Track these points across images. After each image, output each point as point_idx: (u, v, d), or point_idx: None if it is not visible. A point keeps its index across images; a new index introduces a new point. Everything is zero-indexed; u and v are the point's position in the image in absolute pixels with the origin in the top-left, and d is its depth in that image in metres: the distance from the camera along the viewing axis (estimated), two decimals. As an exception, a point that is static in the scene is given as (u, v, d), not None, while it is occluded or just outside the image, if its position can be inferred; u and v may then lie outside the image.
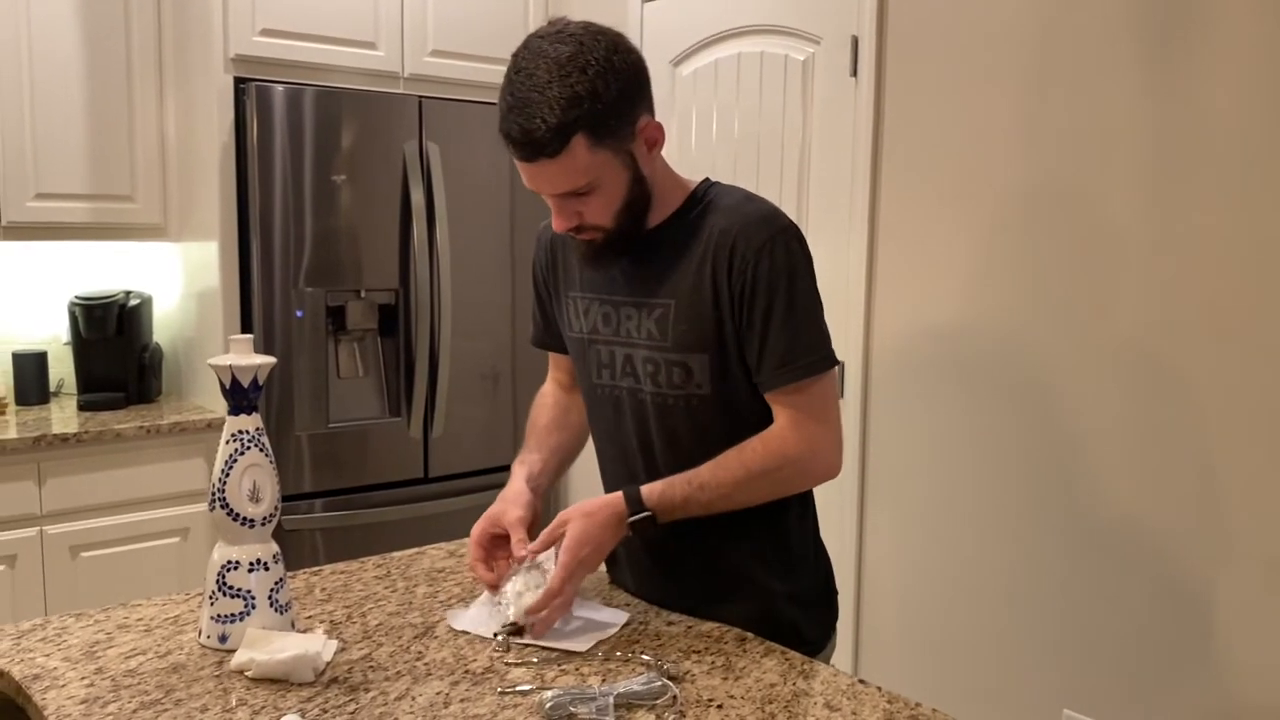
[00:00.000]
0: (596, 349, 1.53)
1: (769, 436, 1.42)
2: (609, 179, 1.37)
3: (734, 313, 1.41)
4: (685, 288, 1.43)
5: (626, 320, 1.49)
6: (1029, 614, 2.35)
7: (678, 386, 1.46)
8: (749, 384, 1.45)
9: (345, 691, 1.23)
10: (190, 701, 1.20)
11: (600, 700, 1.18)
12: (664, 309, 1.45)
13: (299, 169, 2.94)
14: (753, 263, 1.39)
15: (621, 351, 1.50)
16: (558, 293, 1.61)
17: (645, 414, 1.50)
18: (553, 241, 1.62)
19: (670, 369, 1.46)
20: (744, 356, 1.43)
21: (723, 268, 1.41)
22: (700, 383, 1.44)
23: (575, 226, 1.41)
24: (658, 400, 1.48)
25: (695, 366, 1.44)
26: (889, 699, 1.23)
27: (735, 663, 1.33)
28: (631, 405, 1.51)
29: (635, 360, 1.49)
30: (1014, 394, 2.36)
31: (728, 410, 1.46)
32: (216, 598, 1.35)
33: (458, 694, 1.23)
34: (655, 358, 1.46)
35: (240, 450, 1.35)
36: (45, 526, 2.70)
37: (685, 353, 1.44)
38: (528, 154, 1.33)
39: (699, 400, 1.45)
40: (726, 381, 1.44)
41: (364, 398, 3.15)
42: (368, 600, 1.53)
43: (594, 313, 1.53)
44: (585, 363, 1.56)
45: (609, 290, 1.51)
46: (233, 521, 1.35)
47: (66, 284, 3.17)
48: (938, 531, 2.54)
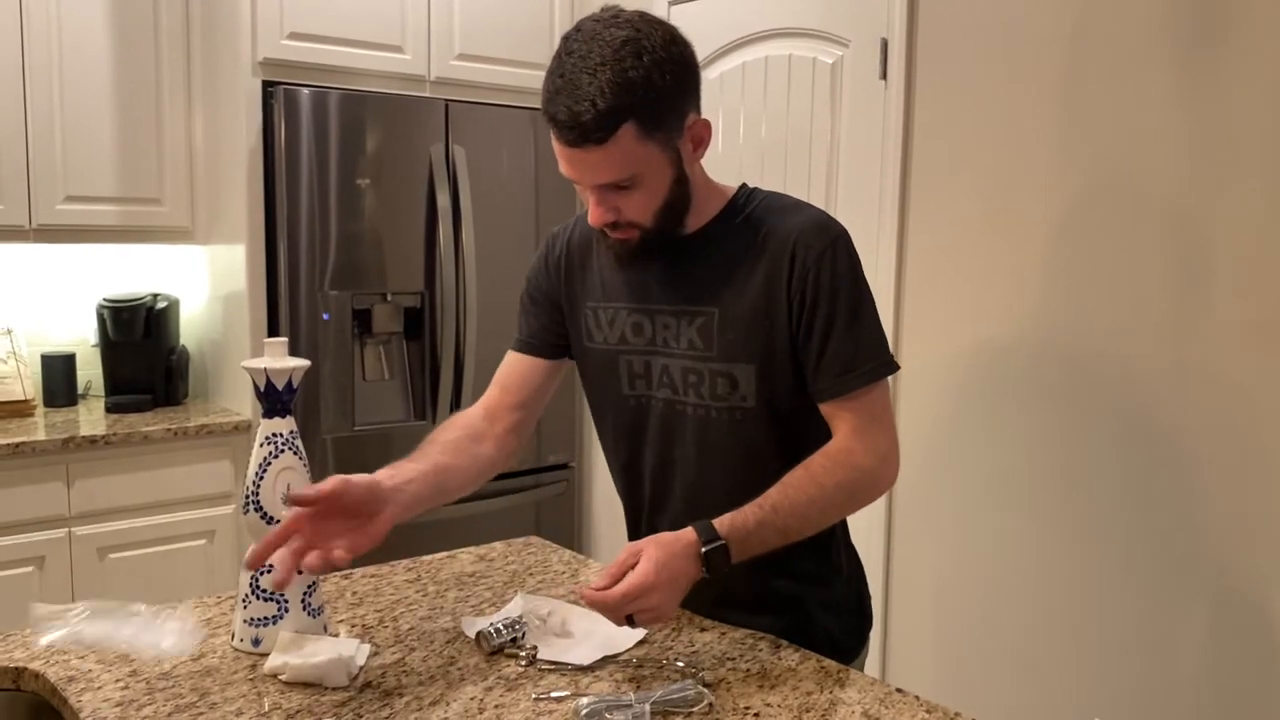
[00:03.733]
0: (628, 360, 1.49)
1: (834, 449, 1.38)
2: (653, 174, 1.32)
3: (790, 321, 1.38)
4: (732, 295, 1.40)
5: (664, 330, 1.45)
6: (1060, 622, 2.33)
7: (722, 398, 1.42)
8: (794, 396, 1.41)
9: (379, 696, 1.23)
10: (225, 705, 1.19)
11: (636, 708, 1.17)
12: (707, 317, 1.41)
13: (325, 172, 2.94)
14: (814, 270, 1.36)
15: (659, 361, 1.46)
16: (573, 303, 1.54)
17: (684, 426, 1.45)
18: (568, 247, 1.56)
19: (714, 379, 1.42)
20: (795, 366, 1.39)
21: (780, 275, 1.37)
22: (746, 394, 1.41)
23: (611, 223, 1.36)
24: (700, 412, 1.44)
25: (741, 377, 1.40)
26: (927, 708, 1.22)
27: (770, 670, 1.31)
28: (670, 417, 1.47)
29: (673, 371, 1.45)
30: (1047, 398, 2.34)
31: (772, 423, 1.42)
32: (250, 601, 1.35)
33: (492, 700, 1.22)
34: (698, 368, 1.42)
35: (275, 453, 1.34)
36: (74, 528, 2.71)
37: (731, 362, 1.40)
38: (573, 138, 1.27)
39: (743, 414, 1.42)
40: (773, 393, 1.41)
41: (389, 400, 3.16)
42: (399, 604, 1.53)
43: (621, 322, 1.48)
44: (613, 374, 1.50)
45: (641, 299, 1.46)
46: (266, 525, 1.34)
47: (95, 286, 3.19)
48: (967, 538, 2.52)
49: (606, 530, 3.56)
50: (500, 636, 1.35)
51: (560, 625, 1.42)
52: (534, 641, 1.37)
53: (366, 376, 3.10)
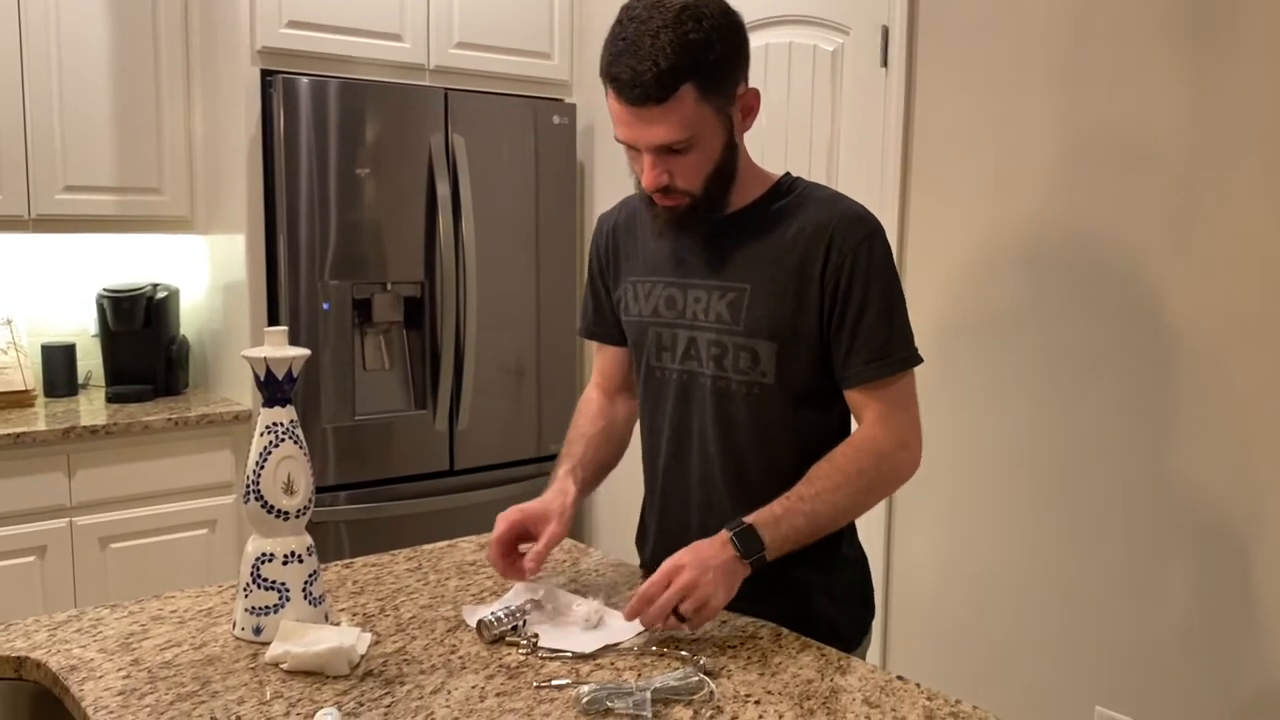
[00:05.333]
0: (657, 331, 1.53)
1: (857, 438, 1.43)
2: (707, 138, 1.37)
3: (821, 306, 1.42)
4: (765, 273, 1.44)
5: (694, 303, 1.49)
6: (1061, 609, 2.33)
7: (743, 372, 1.46)
8: (812, 379, 1.45)
9: (380, 685, 1.23)
10: (227, 694, 1.20)
11: (637, 695, 1.17)
12: (738, 293, 1.45)
13: (325, 161, 2.94)
14: (850, 258, 1.40)
15: (685, 334, 1.50)
16: (617, 278, 1.61)
17: (704, 398, 1.50)
18: (615, 227, 1.63)
19: (738, 353, 1.45)
20: (817, 350, 1.43)
21: (816, 260, 1.41)
22: (765, 370, 1.44)
23: (664, 188, 1.40)
24: (719, 384, 1.48)
25: (763, 353, 1.44)
26: (929, 695, 1.22)
27: (771, 658, 1.32)
28: (692, 389, 1.51)
29: (699, 343, 1.49)
30: (1048, 386, 2.33)
31: (788, 402, 1.46)
32: (251, 590, 1.35)
33: (493, 688, 1.22)
34: (723, 341, 1.46)
35: (275, 443, 1.34)
36: (75, 518, 2.71)
37: (755, 338, 1.44)
38: (635, 98, 1.33)
39: (761, 389, 1.45)
40: (791, 373, 1.44)
41: (390, 390, 3.16)
42: (400, 593, 1.53)
43: (656, 295, 1.53)
44: (643, 346, 1.56)
45: (677, 272, 1.51)
46: (267, 514, 1.34)
47: (95, 277, 3.18)
48: (967, 526, 2.52)
49: (608, 519, 3.56)
50: (501, 625, 1.35)
51: (562, 612, 1.42)
52: (535, 629, 1.37)
53: (367, 366, 3.10)
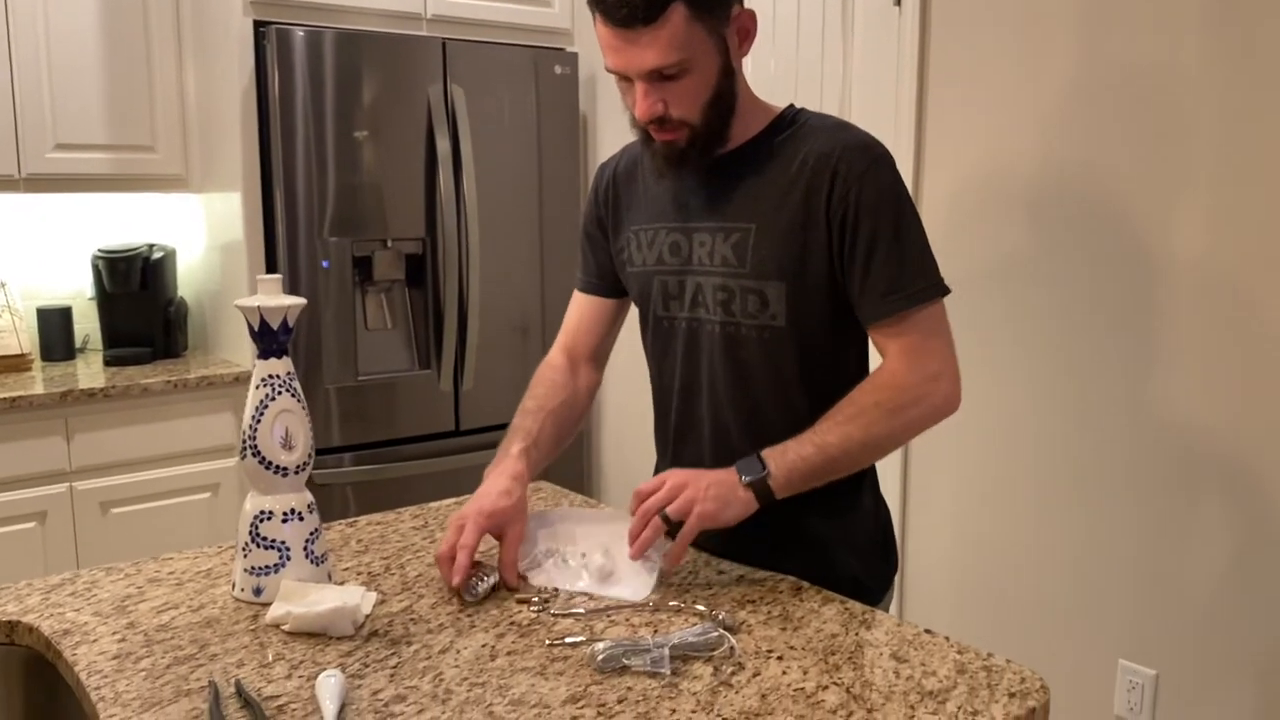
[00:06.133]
0: (663, 280, 1.47)
1: (877, 372, 1.37)
2: (701, 61, 1.31)
3: (829, 241, 1.35)
4: (770, 211, 1.37)
5: (699, 247, 1.42)
6: (1081, 561, 2.28)
7: (752, 316, 1.39)
8: (824, 320, 1.39)
9: (386, 645, 1.18)
10: (226, 656, 1.15)
11: (655, 652, 1.12)
12: (743, 233, 1.38)
13: (321, 115, 2.86)
14: (856, 188, 1.33)
15: (692, 281, 1.44)
16: (618, 228, 1.54)
17: (713, 346, 1.43)
18: (616, 174, 1.56)
19: (745, 296, 1.39)
20: (829, 290, 1.37)
21: (821, 192, 1.34)
22: (776, 313, 1.38)
23: (659, 119, 1.33)
24: (728, 330, 1.41)
25: (772, 295, 1.37)
26: (959, 649, 1.17)
27: (793, 612, 1.26)
28: (700, 337, 1.45)
29: (705, 289, 1.42)
30: (1066, 331, 2.27)
31: (801, 346, 1.39)
32: (250, 549, 1.29)
33: (504, 646, 1.17)
34: (729, 285, 1.40)
35: (271, 395, 1.28)
36: (75, 482, 2.67)
37: (763, 280, 1.37)
38: (623, 19, 1.26)
39: (772, 333, 1.39)
40: (802, 314, 1.38)
41: (393, 350, 3.10)
42: (406, 551, 1.48)
43: (660, 242, 1.47)
44: (649, 296, 1.49)
45: (680, 216, 1.45)
46: (265, 470, 1.29)
47: (90, 238, 3.12)
48: (985, 478, 2.46)
49: (615, 482, 3.52)
50: (480, 587, 1.30)
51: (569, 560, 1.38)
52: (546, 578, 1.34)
53: (369, 325, 3.04)
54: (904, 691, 1.07)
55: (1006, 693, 1.07)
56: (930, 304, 1.35)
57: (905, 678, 1.10)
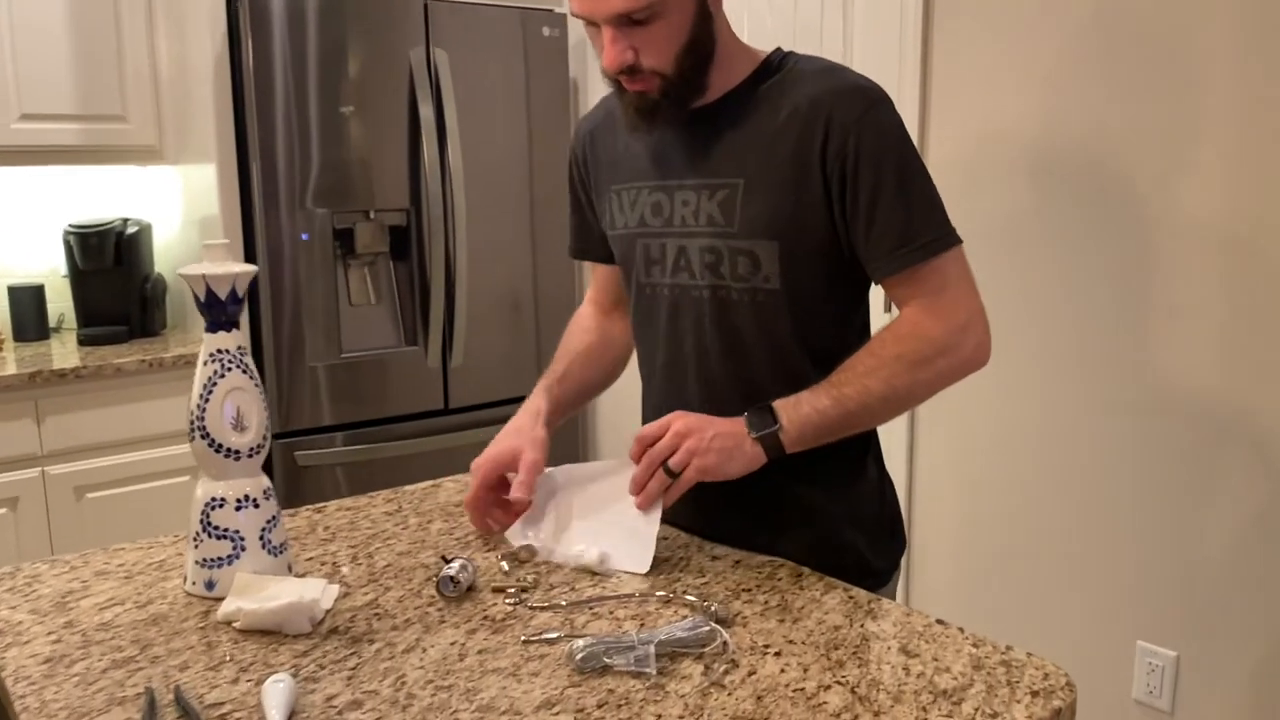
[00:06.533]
0: (645, 243, 1.35)
1: (899, 321, 1.25)
2: (673, 5, 1.19)
3: (827, 194, 1.23)
4: (759, 164, 1.25)
5: (682, 206, 1.31)
6: (1099, 541, 2.17)
7: (742, 279, 1.28)
8: (822, 282, 1.28)
9: (346, 644, 1.07)
10: (169, 658, 1.04)
11: (639, 649, 1.01)
12: (730, 189, 1.27)
13: (301, 81, 2.74)
14: (854, 134, 1.21)
15: (675, 243, 1.32)
16: (599, 190, 1.43)
17: (701, 313, 1.32)
18: (594, 130, 1.45)
19: (735, 258, 1.27)
20: (826, 248, 1.26)
21: (814, 142, 1.22)
22: (768, 275, 1.26)
23: (630, 68, 1.22)
24: (719, 295, 1.30)
25: (763, 255, 1.26)
26: (974, 642, 1.06)
27: (792, 602, 1.16)
28: (686, 304, 1.33)
29: (690, 252, 1.31)
30: (1078, 298, 2.15)
31: (796, 309, 1.28)
32: (201, 540, 1.19)
33: (475, 644, 1.07)
34: (717, 246, 1.28)
35: (220, 372, 1.18)
36: (47, 467, 2.57)
37: (753, 239, 1.26)
38: None
39: (765, 295, 1.28)
40: (798, 275, 1.26)
41: (378, 326, 2.99)
42: (375, 539, 1.37)
43: (642, 202, 1.35)
44: (632, 261, 1.38)
45: (661, 174, 1.33)
46: (215, 454, 1.18)
47: (62, 213, 3.00)
48: (998, 451, 2.35)
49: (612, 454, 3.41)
50: (460, 582, 1.18)
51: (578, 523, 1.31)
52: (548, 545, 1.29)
53: (352, 300, 2.93)
54: (915, 691, 0.97)
55: (1029, 691, 0.97)
56: (945, 254, 1.24)
57: (916, 675, 1.00)
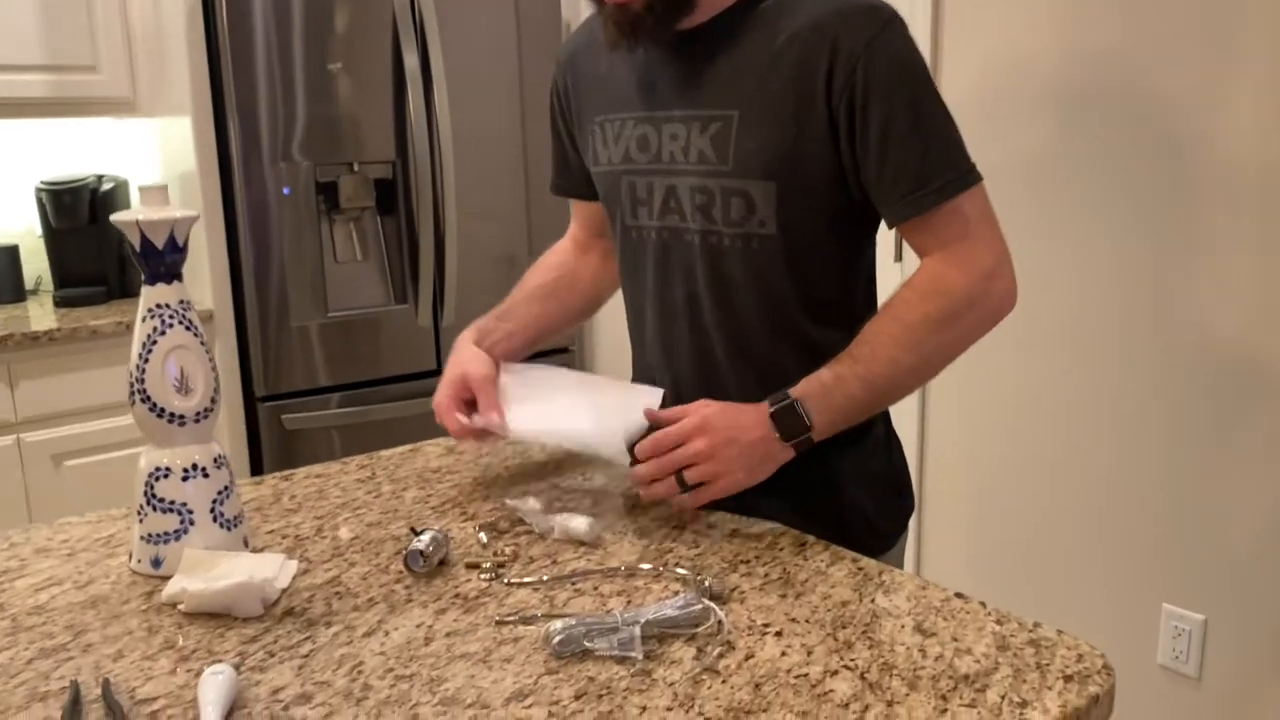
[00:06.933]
0: (630, 181, 1.23)
1: (920, 276, 1.13)
2: None
3: (832, 128, 1.11)
4: (754, 95, 1.13)
5: (671, 141, 1.19)
6: (1123, 499, 2.06)
7: (735, 224, 1.16)
8: (824, 225, 1.16)
9: (301, 627, 0.97)
10: (103, 646, 0.94)
11: (623, 631, 0.91)
12: (723, 122, 1.14)
13: (280, 27, 2.60)
14: (862, 60, 1.08)
15: (662, 182, 1.20)
16: (580, 121, 1.31)
17: (691, 260, 1.21)
18: (574, 58, 1.33)
19: (727, 200, 1.15)
20: (828, 187, 1.14)
21: (817, 70, 1.10)
22: (764, 219, 1.14)
23: None
24: (710, 241, 1.18)
25: (759, 197, 1.14)
26: (998, 619, 0.95)
27: (795, 574, 1.05)
28: (675, 250, 1.22)
29: (679, 191, 1.19)
30: (1108, 227, 2.03)
31: (794, 256, 1.17)
32: (145, 513, 1.08)
33: (443, 626, 0.96)
34: (708, 186, 1.16)
35: (159, 329, 1.07)
36: (22, 434, 2.47)
37: (747, 178, 1.14)
38: None
39: (760, 242, 1.16)
40: (796, 219, 1.15)
41: (366, 283, 2.87)
42: (344, 508, 1.27)
43: (627, 135, 1.23)
44: (617, 201, 1.26)
45: (648, 104, 1.21)
46: (158, 419, 1.07)
47: (34, 170, 2.88)
48: (1015, 405, 2.24)
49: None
50: (430, 556, 1.07)
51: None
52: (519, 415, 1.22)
53: (338, 257, 2.81)
54: (933, 676, 0.86)
55: (1061, 675, 0.86)
56: (966, 193, 1.12)
57: (934, 657, 0.89)
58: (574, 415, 1.22)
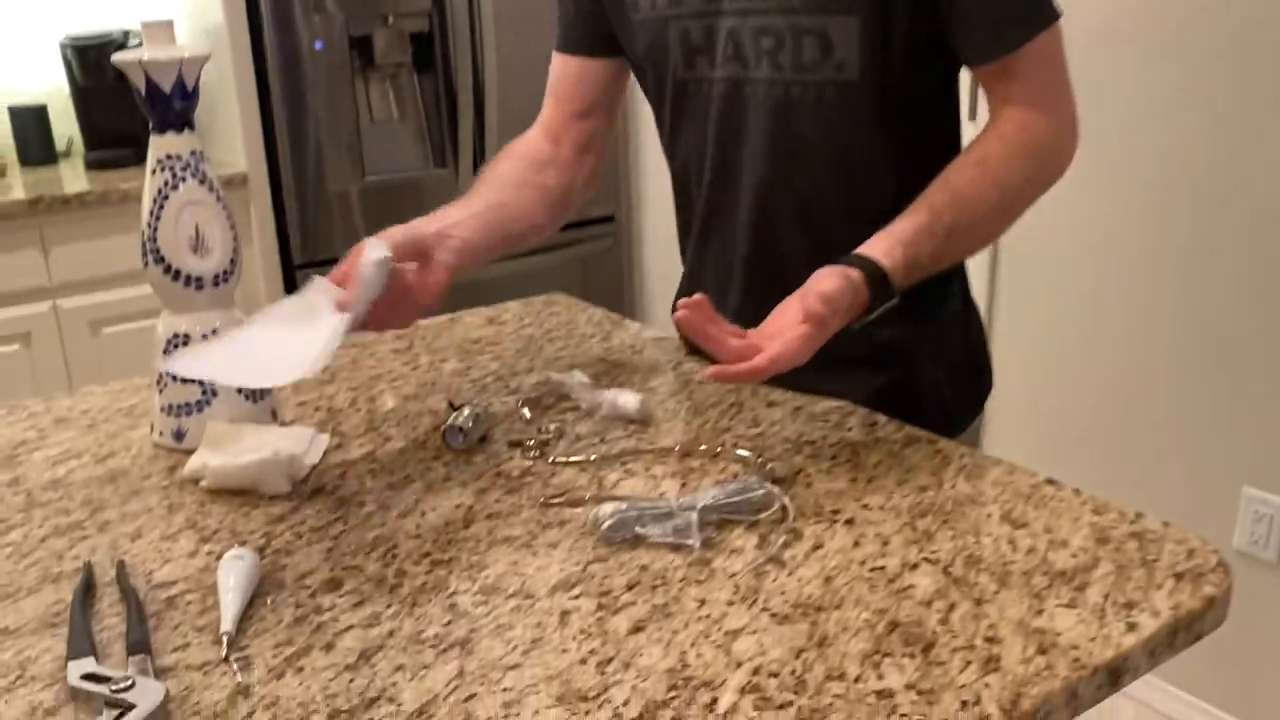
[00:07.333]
0: (683, 28, 1.08)
1: (1009, 129, 1.00)
2: None
3: None
4: None
5: None
6: (1196, 371, 1.94)
7: (808, 68, 1.02)
8: (913, 69, 1.02)
9: (332, 507, 0.90)
10: (120, 524, 0.88)
11: (679, 517, 0.83)
12: None
13: None
14: None
15: (724, 24, 1.05)
16: None
17: (755, 116, 1.07)
18: None
19: (799, 41, 1.01)
20: (924, 22, 0.99)
21: None
22: (843, 61, 1.00)
23: None
24: (775, 92, 1.04)
25: (837, 36, 1.00)
26: (1095, 507, 0.86)
27: (865, 457, 0.96)
28: (737, 104, 1.08)
29: (742, 34, 1.04)
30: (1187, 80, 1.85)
31: (880, 109, 1.03)
32: (165, 383, 1.01)
33: (484, 507, 0.89)
34: (776, 25, 1.02)
35: (171, 183, 0.97)
36: (58, 300, 2.42)
37: (823, 14, 0.99)
38: None
39: (838, 90, 1.02)
40: (884, 61, 1.01)
41: (403, 145, 2.75)
42: (380, 380, 1.19)
43: None
44: (664, 53, 1.11)
45: None
46: (173, 282, 1.00)
47: (60, 24, 2.76)
48: (1088, 273, 2.10)
49: (660, 290, 3.20)
50: (469, 432, 0.99)
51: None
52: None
53: (374, 117, 2.69)
54: (1024, 572, 0.77)
55: (1170, 573, 0.77)
56: (1051, 30, 0.99)
57: (1025, 550, 0.80)
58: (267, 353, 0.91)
